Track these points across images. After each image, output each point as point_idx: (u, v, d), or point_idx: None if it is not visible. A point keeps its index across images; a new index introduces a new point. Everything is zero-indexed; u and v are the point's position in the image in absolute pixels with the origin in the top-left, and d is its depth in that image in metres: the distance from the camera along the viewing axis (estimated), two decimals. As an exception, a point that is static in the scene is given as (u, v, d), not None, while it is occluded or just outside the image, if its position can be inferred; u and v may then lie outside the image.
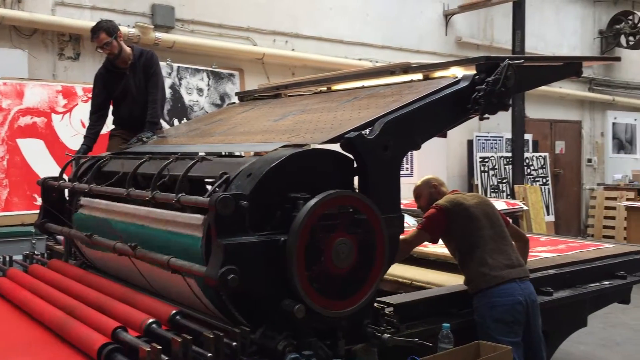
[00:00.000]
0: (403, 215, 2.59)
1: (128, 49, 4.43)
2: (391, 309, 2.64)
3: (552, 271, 3.51)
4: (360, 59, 8.08)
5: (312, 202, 2.16)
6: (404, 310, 2.69)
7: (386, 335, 2.35)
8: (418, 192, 3.56)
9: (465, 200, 3.26)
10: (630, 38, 11.41)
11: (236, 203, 2.06)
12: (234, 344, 2.00)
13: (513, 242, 3.25)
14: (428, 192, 3.48)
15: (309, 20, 7.77)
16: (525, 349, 3.01)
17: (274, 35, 7.49)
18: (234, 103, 4.65)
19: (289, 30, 7.60)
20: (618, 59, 6.11)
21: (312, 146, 2.50)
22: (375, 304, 2.55)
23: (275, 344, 2.09)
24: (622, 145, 12.33)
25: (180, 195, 2.34)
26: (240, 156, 2.98)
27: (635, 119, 12.49)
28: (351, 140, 2.39)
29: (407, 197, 7.46)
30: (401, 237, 2.94)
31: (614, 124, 12.06)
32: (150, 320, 2.17)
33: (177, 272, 2.24)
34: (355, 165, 2.44)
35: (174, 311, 2.27)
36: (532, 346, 3.06)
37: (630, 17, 11.35)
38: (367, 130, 2.48)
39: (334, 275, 2.20)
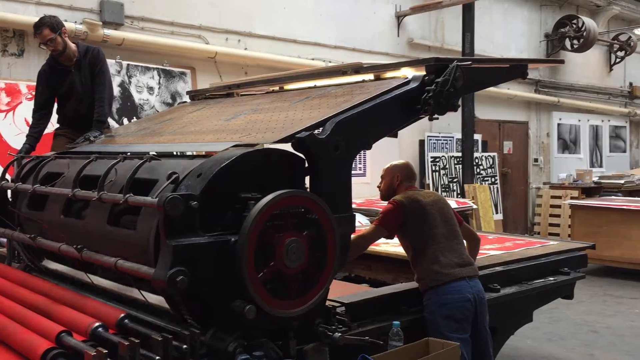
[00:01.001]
0: (354, 215, 2.61)
1: (73, 46, 4.31)
2: (343, 308, 2.66)
3: (499, 268, 3.60)
4: (313, 59, 8.09)
5: (263, 202, 2.15)
6: (356, 309, 2.71)
7: (337, 334, 2.36)
8: (383, 174, 3.61)
9: (421, 197, 3.32)
10: (575, 41, 11.80)
11: (185, 203, 2.03)
12: (184, 346, 1.98)
13: (464, 241, 3.32)
14: (390, 179, 3.53)
15: (263, 19, 7.73)
16: (473, 345, 3.08)
17: (226, 34, 7.42)
18: (185, 102, 4.59)
19: (241, 29, 7.54)
20: (562, 61, 6.35)
21: (265, 146, 2.49)
22: (327, 304, 2.56)
23: (226, 345, 2.08)
24: (567, 145, 12.74)
25: (128, 195, 2.29)
26: (192, 156, 2.94)
27: (579, 120, 12.93)
28: (302, 140, 2.39)
29: (360, 197, 7.54)
30: (358, 233, 3.05)
31: (559, 124, 12.45)
32: (97, 324, 2.12)
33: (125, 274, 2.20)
34: (306, 165, 2.45)
35: (122, 315, 2.22)
36: (480, 342, 3.14)
37: (575, 21, 11.74)
38: (319, 130, 2.49)
39: (285, 275, 2.20)
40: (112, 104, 4.86)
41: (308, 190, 2.44)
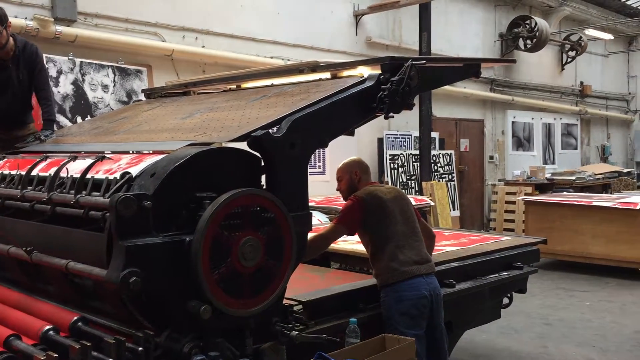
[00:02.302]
0: (311, 213, 2.61)
1: (11, 40, 4.14)
2: (300, 306, 2.66)
3: (454, 264, 3.67)
4: (272, 57, 8.07)
5: (218, 201, 2.14)
6: (313, 307, 2.72)
7: (294, 333, 2.36)
8: (340, 175, 3.55)
9: (382, 193, 3.31)
10: (528, 41, 12.08)
11: (138, 203, 2.01)
12: (139, 349, 1.95)
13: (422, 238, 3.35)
14: (349, 177, 3.49)
15: (220, 16, 7.66)
16: (428, 341, 3.13)
17: (183, 31, 7.33)
18: (141, 100, 4.52)
19: (199, 27, 7.46)
20: (513, 60, 6.47)
21: (222, 144, 2.47)
22: (284, 302, 2.56)
23: (181, 346, 2.06)
24: (521, 142, 13.05)
25: (79, 196, 2.25)
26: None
27: (533, 118, 13.25)
28: (258, 138, 2.39)
29: (319, 195, 7.54)
30: (317, 232, 3.10)
31: (513, 122, 12.73)
32: (47, 327, 2.08)
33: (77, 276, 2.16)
34: (262, 163, 2.44)
35: (75, 317, 2.18)
36: (435, 338, 3.19)
37: (528, 22, 12.01)
38: (275, 129, 2.48)
39: (241, 274, 2.19)
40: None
41: (264, 188, 2.43)
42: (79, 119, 6.36)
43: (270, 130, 2.44)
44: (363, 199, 3.26)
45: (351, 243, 4.30)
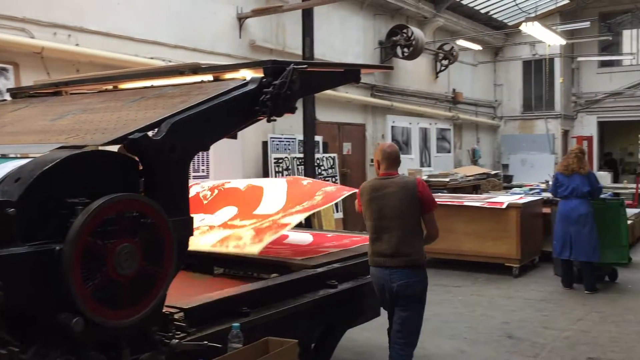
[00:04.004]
0: (192, 218, 2.56)
1: None
2: (181, 313, 2.59)
3: (336, 265, 3.74)
4: (152, 58, 7.80)
5: (91, 207, 2.04)
6: (195, 313, 2.66)
7: (174, 341, 2.30)
8: (374, 154, 4.23)
9: (375, 189, 3.95)
10: (405, 49, 12.63)
11: (1, 211, 1.86)
12: (1, 367, 1.81)
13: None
14: (375, 160, 4.14)
15: (95, 14, 7.30)
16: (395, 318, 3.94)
17: (54, 28, 6.90)
18: (5, 100, 4.20)
19: (72, 24, 7.06)
20: (391, 67, 6.74)
21: (98, 147, 2.35)
22: (165, 310, 2.48)
23: (51, 362, 1.93)
24: (400, 146, 13.61)
25: None
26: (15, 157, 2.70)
27: (410, 123, 13.88)
28: (136, 141, 2.30)
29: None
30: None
31: (392, 127, 13.26)
32: None
33: None
34: (140, 167, 2.35)
35: None
36: (398, 317, 3.94)
37: (405, 31, 12.56)
38: (153, 131, 2.41)
39: (117, 283, 2.10)
40: None
41: (142, 193, 2.35)
42: None
43: (148, 133, 2.36)
44: (360, 192, 4.07)
45: (206, 232, 4.20)
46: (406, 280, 3.79)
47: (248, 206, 4.39)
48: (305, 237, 4.71)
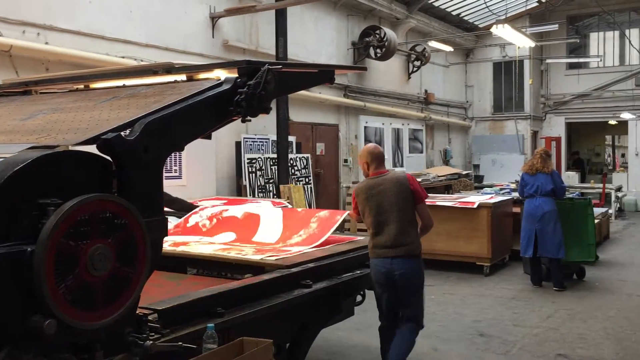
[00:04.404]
0: (167, 218, 2.55)
1: None
2: (155, 314, 2.58)
3: (311, 265, 3.75)
4: (123, 57, 7.72)
5: (64, 208, 2.02)
6: (169, 314, 2.64)
7: (148, 342, 2.29)
8: (359, 157, 4.47)
9: (370, 188, 4.23)
10: (378, 50, 12.71)
11: (-29, 212, 1.83)
12: (-29, 371, 1.78)
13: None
14: (362, 165, 4.43)
15: (65, 12, 7.19)
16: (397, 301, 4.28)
17: (23, 26, 6.78)
18: (-27, 99, 4.11)
19: (41, 22, 6.94)
20: (364, 68, 6.79)
21: (71, 147, 2.33)
22: (138, 311, 2.46)
23: (23, 366, 1.91)
24: (373, 147, 13.67)
25: None
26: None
27: (383, 123, 13.97)
28: (109, 141, 2.28)
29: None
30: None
31: (365, 127, 13.33)
32: None
33: None
34: (114, 167, 2.33)
35: None
36: (401, 301, 4.28)
37: (378, 32, 12.64)
38: (127, 131, 2.39)
39: (90, 285, 2.08)
40: None
41: (116, 194, 2.33)
42: None
43: (122, 133, 2.34)
44: (356, 192, 4.32)
45: (206, 244, 4.26)
46: (406, 268, 4.16)
47: (246, 233, 4.59)
48: (274, 229, 4.73)
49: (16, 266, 1.94)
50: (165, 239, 4.32)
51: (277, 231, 4.58)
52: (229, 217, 4.91)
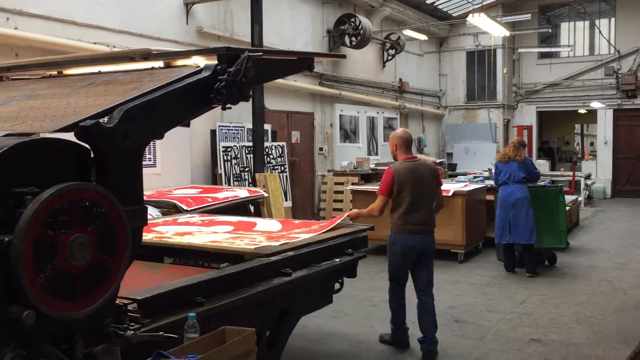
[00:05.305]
0: (147, 207, 2.51)
1: None
2: (135, 304, 2.55)
3: (291, 253, 3.74)
4: (95, 43, 7.57)
5: (42, 197, 1.98)
6: (149, 304, 2.61)
7: (129, 333, 2.26)
8: (389, 140, 5.07)
9: (408, 170, 4.76)
10: (353, 39, 12.68)
11: (-54, 201, 1.78)
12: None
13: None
14: (391, 147, 5.00)
15: (35, -5, 7.01)
16: (416, 271, 4.94)
17: (-9, 10, 6.60)
18: (-59, 85, 3.99)
19: (10, 6, 6.76)
20: (343, 56, 6.80)
21: (42, 135, 2.28)
22: (118, 301, 2.43)
23: (1, 357, 1.87)
24: (348, 135, 13.71)
25: None
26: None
27: (358, 112, 13.98)
28: (87, 128, 2.23)
29: (150, 188, 7.26)
30: (372, 206, 4.92)
31: (341, 116, 13.33)
32: None
33: None
34: (92, 155, 2.29)
35: None
36: (422, 269, 4.94)
37: (353, 20, 12.61)
38: (105, 119, 2.34)
39: (69, 274, 2.04)
40: None
41: (94, 182, 2.29)
42: None
43: (100, 120, 2.30)
44: (395, 172, 4.77)
45: (209, 233, 4.25)
46: (430, 242, 4.90)
47: (244, 227, 4.62)
48: (273, 225, 4.77)
49: (-7, 256, 1.90)
50: (166, 229, 4.42)
51: (276, 226, 4.72)
52: (223, 221, 5.01)
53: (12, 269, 1.91)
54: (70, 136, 2.25)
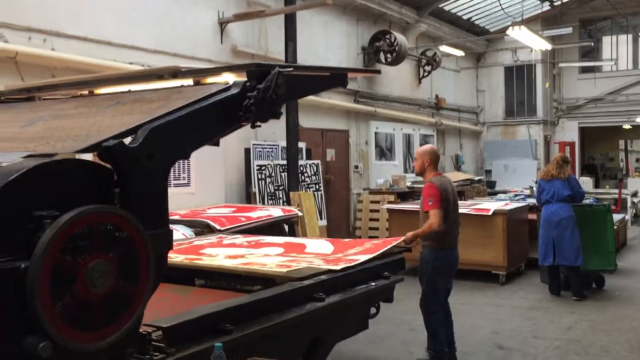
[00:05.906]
0: (171, 231, 2.39)
1: None
2: (159, 332, 2.43)
3: (323, 277, 3.58)
4: (131, 63, 7.62)
5: (61, 221, 1.88)
6: (174, 332, 2.48)
7: (152, 364, 2.14)
8: (417, 157, 4.96)
9: (447, 185, 4.82)
10: (388, 55, 12.55)
11: (-41, 226, 1.69)
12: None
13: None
14: (421, 162, 4.89)
15: (71, 18, 7.09)
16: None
17: (29, 32, 6.68)
18: (-25, 106, 3.99)
19: (47, 28, 6.84)
20: (378, 71, 6.64)
21: (64, 156, 2.19)
22: (141, 329, 2.31)
23: (15, 393, 1.76)
24: (383, 152, 13.53)
25: None
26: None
27: (394, 129, 13.80)
28: (110, 149, 2.14)
29: (184, 207, 7.20)
30: (429, 223, 4.67)
31: (376, 133, 13.17)
32: None
33: None
34: (115, 177, 2.19)
35: None
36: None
37: (388, 36, 12.49)
38: (129, 139, 2.25)
39: (89, 303, 1.94)
40: None
41: (118, 205, 2.18)
42: None
43: (124, 140, 2.20)
44: (441, 187, 4.71)
45: (261, 256, 4.13)
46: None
47: (294, 248, 4.45)
48: (324, 245, 4.62)
49: (9, 283, 1.80)
50: (216, 251, 4.29)
51: (328, 247, 4.52)
52: (270, 242, 4.79)
53: (27, 297, 1.80)
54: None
